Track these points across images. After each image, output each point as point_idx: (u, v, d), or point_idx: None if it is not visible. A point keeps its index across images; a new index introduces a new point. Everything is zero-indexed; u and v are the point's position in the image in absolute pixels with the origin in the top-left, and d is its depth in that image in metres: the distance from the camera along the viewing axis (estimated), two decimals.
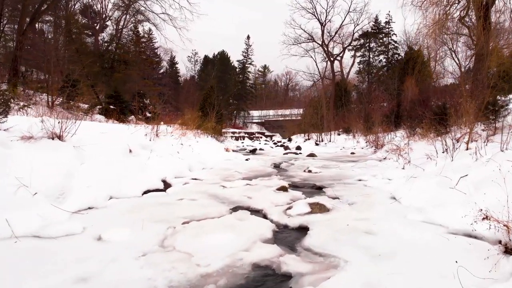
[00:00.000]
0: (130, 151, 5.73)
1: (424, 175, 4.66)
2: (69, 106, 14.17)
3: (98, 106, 20.42)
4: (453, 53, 33.77)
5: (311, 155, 11.46)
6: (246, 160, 9.56)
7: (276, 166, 8.89)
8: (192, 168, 6.55)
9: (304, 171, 7.10)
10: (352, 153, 13.67)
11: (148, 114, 17.65)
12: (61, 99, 14.54)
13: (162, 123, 14.06)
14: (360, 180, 5.83)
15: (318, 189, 5.28)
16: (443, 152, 5.97)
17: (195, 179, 5.63)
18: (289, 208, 3.54)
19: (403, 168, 6.64)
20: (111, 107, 17.22)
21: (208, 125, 13.44)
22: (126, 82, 24.11)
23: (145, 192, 4.45)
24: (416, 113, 13.17)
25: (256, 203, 3.99)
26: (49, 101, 14.34)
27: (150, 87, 24.66)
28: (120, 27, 27.40)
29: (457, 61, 30.69)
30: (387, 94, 24.25)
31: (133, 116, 16.66)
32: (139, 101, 18.32)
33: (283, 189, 4.61)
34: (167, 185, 4.86)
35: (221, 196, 4.39)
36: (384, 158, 10.42)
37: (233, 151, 16.74)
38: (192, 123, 13.24)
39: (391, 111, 19.65)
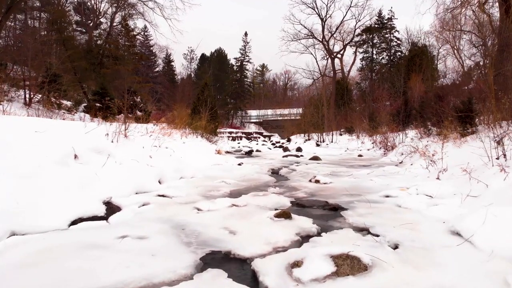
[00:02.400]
0: (76, 157, 4.21)
1: (492, 194, 3.17)
2: (48, 102, 12.68)
3: (83, 104, 18.94)
4: (456, 51, 32.44)
5: (315, 158, 9.96)
6: (239, 165, 8.05)
7: (274, 172, 7.40)
8: (164, 178, 5.02)
9: (310, 180, 5.59)
10: (360, 155, 12.19)
11: (139, 113, 16.30)
12: (40, 96, 13.04)
13: (153, 121, 12.61)
14: (387, 196, 4.32)
15: (333, 210, 3.78)
16: (497, 159, 4.49)
17: (163, 195, 4.09)
18: (297, 264, 2.02)
19: (438, 179, 5.16)
20: (97, 105, 15.80)
21: (198, 124, 11.91)
22: (115, 78, 22.70)
23: (74, 222, 2.92)
24: (431, 110, 11.71)
25: (242, 245, 2.47)
26: (26, 97, 12.85)
27: (140, 84, 23.13)
28: (110, 21, 26.23)
29: (460, 59, 29.34)
30: (393, 91, 22.82)
31: (122, 115, 15.31)
32: (129, 98, 16.89)
33: (284, 215, 3.10)
34: (113, 209, 3.32)
35: (190, 228, 2.87)
36: (401, 162, 8.95)
37: (227, 152, 15.23)
38: (180, 121, 11.73)
39: (399, 109, 18.17)
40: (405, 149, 9.95)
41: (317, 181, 5.39)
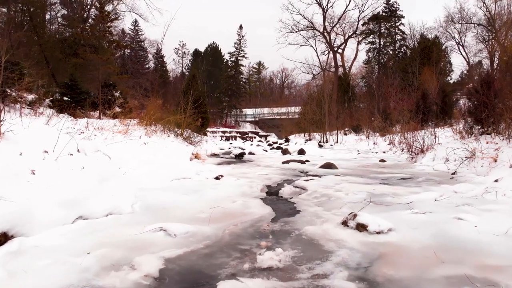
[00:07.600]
0: None
1: None
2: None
3: (49, 98, 16.03)
4: (461, 47, 29.73)
5: (328, 165, 7.15)
6: (217, 178, 5.24)
7: (272, 193, 4.61)
8: (27, 226, 2.17)
9: (345, 223, 2.76)
10: (382, 160, 9.42)
11: (118, 109, 13.55)
12: None
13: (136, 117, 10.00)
14: None
15: None
16: None
17: None
18: None
19: None
20: (65, 98, 12.95)
21: (171, 119, 9.07)
22: (90, 69, 19.88)
23: None
24: (476, 101, 9.01)
25: None
26: None
27: (118, 75, 20.23)
28: (89, 5, 23.63)
29: (465, 56, 26.64)
30: (405, 85, 20.17)
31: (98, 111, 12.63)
32: (106, 92, 14.11)
33: None
34: None
35: None
36: (454, 173, 6.23)
37: (214, 155, 12.38)
38: (147, 115, 8.93)
39: (417, 104, 15.42)
40: (450, 153, 7.23)
41: (360, 227, 2.59)
